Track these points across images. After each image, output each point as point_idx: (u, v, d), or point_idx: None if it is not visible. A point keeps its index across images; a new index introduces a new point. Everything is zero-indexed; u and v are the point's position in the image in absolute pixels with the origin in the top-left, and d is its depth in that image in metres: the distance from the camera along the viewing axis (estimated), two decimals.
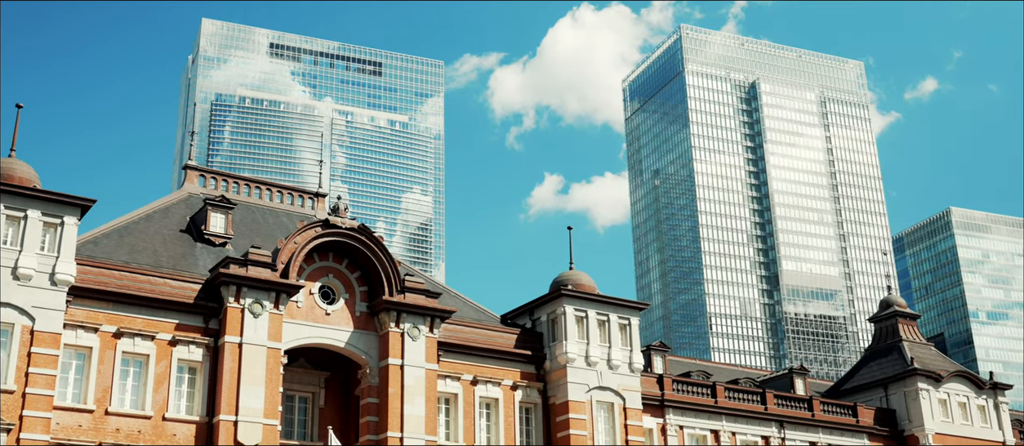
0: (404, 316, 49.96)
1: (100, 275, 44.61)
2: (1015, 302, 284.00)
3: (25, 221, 41.84)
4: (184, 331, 45.60)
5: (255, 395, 44.95)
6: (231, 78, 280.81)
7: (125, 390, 43.90)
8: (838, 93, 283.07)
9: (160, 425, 43.84)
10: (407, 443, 48.03)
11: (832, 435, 65.39)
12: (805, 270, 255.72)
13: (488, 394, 53.20)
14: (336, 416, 49.79)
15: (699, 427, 60.45)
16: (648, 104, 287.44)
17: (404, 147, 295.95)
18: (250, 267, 46.52)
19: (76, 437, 41.74)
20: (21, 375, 39.98)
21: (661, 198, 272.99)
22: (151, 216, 52.89)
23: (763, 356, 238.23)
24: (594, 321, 55.67)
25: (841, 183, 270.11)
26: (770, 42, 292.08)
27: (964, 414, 70.10)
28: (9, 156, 44.72)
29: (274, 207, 59.20)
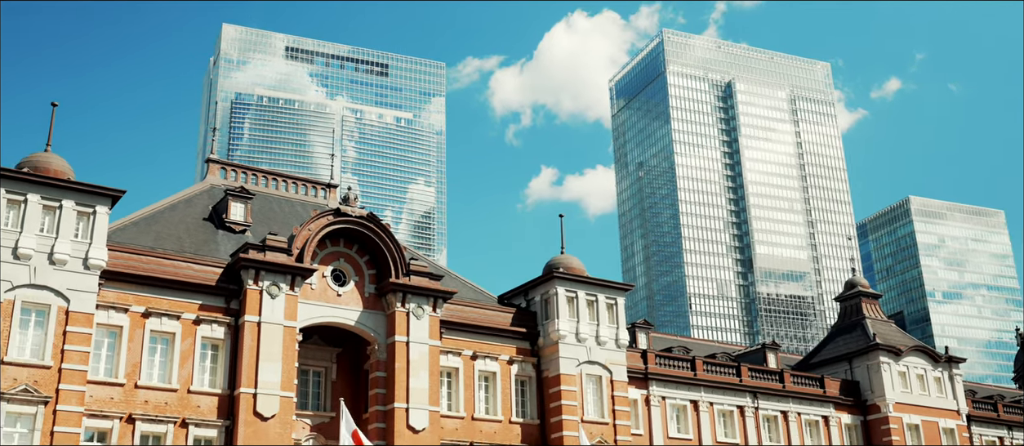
0: (409, 297, 49.97)
1: (129, 260, 44.56)
2: (969, 283, 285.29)
3: (60, 210, 41.80)
4: (207, 311, 45.59)
5: (273, 370, 45.02)
6: (250, 79, 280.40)
7: (153, 365, 43.92)
8: (807, 92, 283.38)
9: (185, 397, 43.87)
10: (412, 413, 48.11)
11: (801, 405, 65.51)
12: (777, 254, 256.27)
13: (486, 368, 53.22)
14: (347, 389, 49.81)
15: (680, 398, 60.52)
16: (633, 102, 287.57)
17: (409, 142, 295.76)
18: (268, 252, 46.50)
19: (108, 409, 41.77)
20: (57, 352, 39.99)
21: (645, 188, 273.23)
22: (176, 206, 52.82)
23: (738, 333, 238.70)
24: (583, 301, 55.69)
25: (809, 175, 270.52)
26: (746, 45, 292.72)
27: (922, 385, 70.24)
28: (45, 151, 44.59)
29: (289, 197, 59.10)
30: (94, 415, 41.21)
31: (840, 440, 66.28)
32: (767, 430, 63.52)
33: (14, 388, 38.51)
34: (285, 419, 44.86)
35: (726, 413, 62.18)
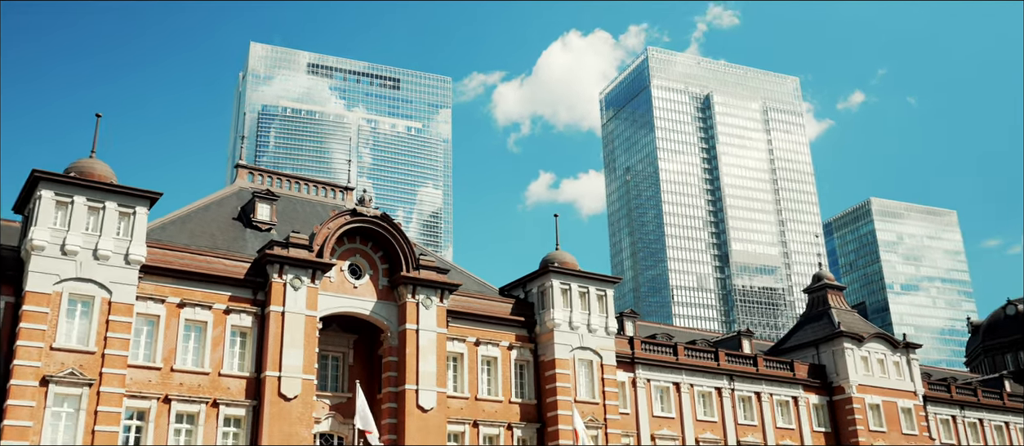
0: (419, 289, 49.99)
1: (166, 256, 44.59)
2: (924, 276, 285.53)
3: (103, 211, 41.84)
4: (236, 302, 45.64)
5: (295, 355, 45.05)
6: (276, 92, 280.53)
7: (187, 351, 43.94)
8: (779, 104, 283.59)
9: (216, 380, 43.90)
10: (422, 394, 48.17)
11: (773, 386, 65.54)
12: (750, 250, 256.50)
13: (488, 353, 53.25)
14: (362, 372, 49.82)
15: (663, 380, 60.55)
16: (621, 113, 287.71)
17: (419, 149, 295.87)
18: (291, 249, 46.55)
19: (146, 390, 41.80)
20: (101, 339, 40.07)
21: (632, 191, 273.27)
22: (208, 207, 52.81)
23: (716, 321, 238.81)
24: (576, 293, 55.70)
25: (780, 178, 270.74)
26: (724, 62, 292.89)
27: (882, 369, 70.28)
28: (90, 157, 44.58)
29: (311, 199, 59.07)
30: (134, 396, 41.24)
31: (808, 419, 66.32)
32: (742, 410, 63.55)
33: (62, 372, 38.58)
34: (306, 399, 44.90)
35: (705, 394, 62.20)
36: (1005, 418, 79.45)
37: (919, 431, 70.07)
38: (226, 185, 58.72)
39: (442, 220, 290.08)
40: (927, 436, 71.02)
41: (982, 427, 77.42)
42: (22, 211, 43.72)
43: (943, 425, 74.80)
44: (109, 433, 38.81)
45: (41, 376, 38.19)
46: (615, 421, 54.52)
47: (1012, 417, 79.99)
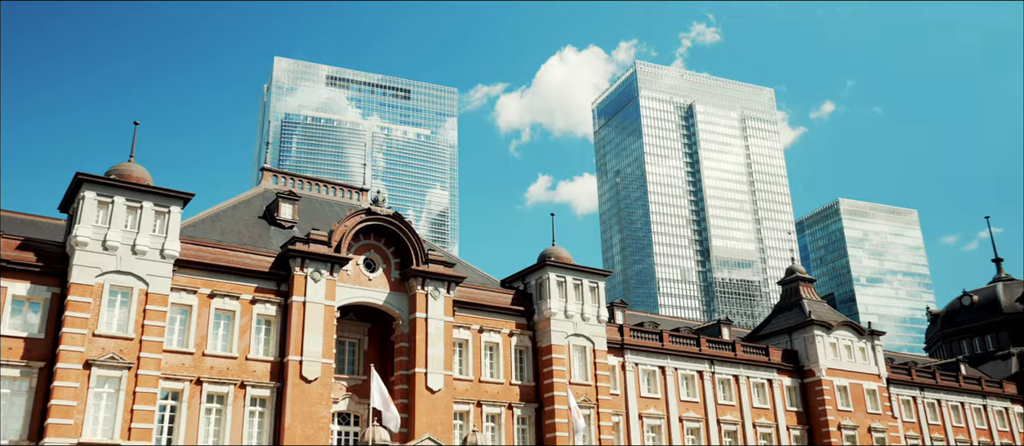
0: (428, 281, 50.04)
1: (198, 251, 44.67)
2: (888, 270, 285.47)
3: (141, 210, 41.97)
4: (261, 293, 45.72)
5: (315, 341, 45.14)
6: (298, 102, 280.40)
7: (217, 337, 44.04)
8: (756, 113, 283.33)
9: (244, 364, 43.98)
10: (430, 376, 48.24)
11: (750, 370, 65.60)
12: (729, 245, 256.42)
13: (491, 340, 53.31)
14: (376, 356, 49.85)
15: (650, 364, 60.61)
16: (611, 121, 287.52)
17: (428, 154, 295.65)
18: (311, 244, 46.63)
19: (180, 373, 41.90)
20: (138, 326, 40.19)
21: (621, 192, 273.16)
22: (236, 206, 52.90)
23: (698, 310, 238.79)
24: (571, 284, 55.76)
25: (757, 181, 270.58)
26: (706, 74, 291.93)
27: (849, 354, 70.32)
28: (129, 161, 44.67)
29: (329, 199, 59.13)
30: (168, 378, 41.33)
31: (782, 400, 66.37)
32: (722, 391, 63.62)
33: (103, 356, 38.68)
34: (325, 382, 44.99)
35: (688, 377, 62.26)
36: (961, 399, 79.54)
37: (883, 411, 70.15)
38: (252, 187, 58.77)
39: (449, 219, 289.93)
40: (890, 415, 71.12)
41: (940, 407, 77.50)
42: (67, 210, 43.79)
43: (905, 405, 74.88)
44: (146, 412, 38.92)
45: (84, 360, 38.28)
46: (606, 401, 54.59)
47: (967, 398, 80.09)
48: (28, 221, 48.37)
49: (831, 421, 66.03)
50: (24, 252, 40.35)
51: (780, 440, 64.80)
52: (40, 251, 40.81)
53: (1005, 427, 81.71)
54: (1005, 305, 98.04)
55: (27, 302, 39.81)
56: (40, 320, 39.76)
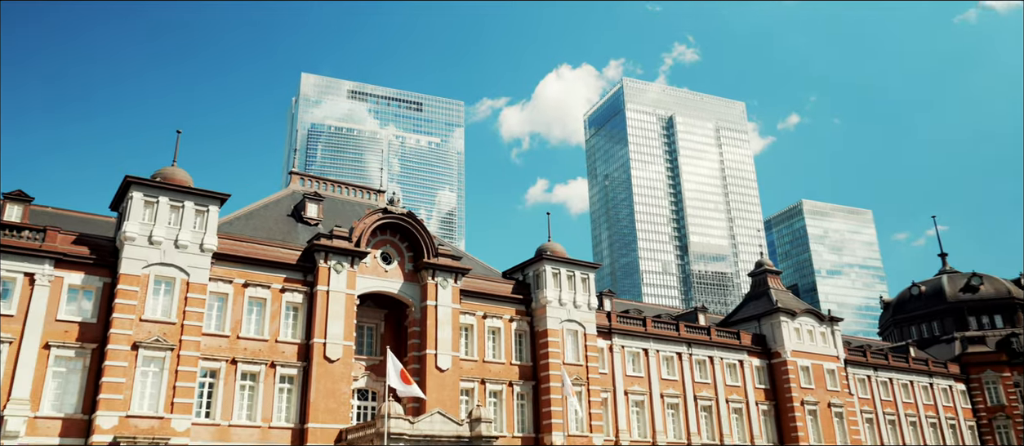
0: (437, 272, 50.04)
1: (234, 245, 44.65)
2: (846, 263, 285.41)
3: (183, 209, 41.97)
4: (290, 282, 45.72)
5: (337, 325, 45.17)
6: (323, 113, 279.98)
7: (250, 322, 44.06)
8: (729, 124, 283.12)
9: (274, 346, 43.99)
10: (439, 357, 48.27)
11: (723, 352, 65.61)
12: (705, 241, 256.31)
13: (493, 324, 53.31)
14: (392, 339, 49.87)
15: (634, 346, 60.62)
16: (601, 131, 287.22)
17: (438, 160, 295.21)
18: (334, 240, 46.65)
19: (217, 354, 41.93)
20: (180, 312, 40.21)
21: (609, 194, 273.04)
22: (267, 206, 52.87)
23: (677, 299, 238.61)
24: (564, 276, 55.75)
25: (730, 184, 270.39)
26: (686, 89, 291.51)
27: (811, 338, 70.33)
28: (172, 165, 44.62)
29: (350, 200, 59.09)
30: (207, 359, 41.36)
31: (751, 378, 66.40)
32: (698, 371, 63.62)
33: (149, 338, 38.70)
34: (347, 361, 45.01)
35: (668, 358, 62.27)
36: (910, 378, 79.56)
37: (841, 388, 70.17)
38: (281, 188, 58.72)
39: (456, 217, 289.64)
40: (847, 392, 71.14)
41: (892, 385, 77.51)
42: (116, 208, 43.78)
43: (860, 383, 74.90)
44: (187, 388, 38.95)
45: (132, 342, 38.30)
46: (596, 379, 54.59)
47: (916, 377, 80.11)
48: (80, 218, 48.40)
49: (795, 397, 66.07)
50: (79, 246, 40.39)
51: (750, 415, 64.84)
52: (93, 245, 40.82)
53: (949, 403, 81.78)
54: (949, 295, 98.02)
55: (81, 291, 39.84)
56: (93, 307, 39.79)
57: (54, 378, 37.75)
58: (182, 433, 38.09)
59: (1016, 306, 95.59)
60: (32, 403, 36.75)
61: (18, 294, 38.13)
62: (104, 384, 37.09)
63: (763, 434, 65.00)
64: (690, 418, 61.06)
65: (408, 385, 40.23)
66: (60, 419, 37.18)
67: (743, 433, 64.02)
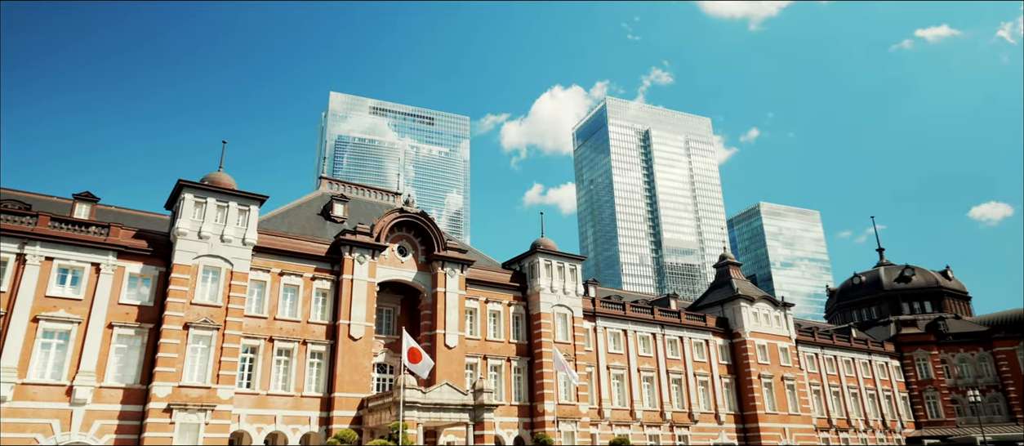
0: (446, 263, 49.97)
1: (271, 239, 44.58)
2: (797, 257, 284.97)
3: (228, 208, 41.88)
4: (319, 272, 45.62)
5: (360, 308, 45.09)
6: (349, 127, 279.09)
7: (285, 306, 43.98)
8: (697, 137, 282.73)
9: (306, 326, 43.94)
10: (448, 336, 48.20)
11: (692, 333, 65.58)
12: (676, 238, 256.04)
13: (494, 308, 53.24)
14: (407, 321, 49.82)
15: (615, 327, 60.59)
16: (587, 142, 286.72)
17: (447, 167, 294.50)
18: (357, 235, 46.56)
19: (257, 333, 41.87)
20: (225, 297, 40.09)
21: (594, 197, 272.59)
22: (300, 206, 52.80)
23: (652, 287, 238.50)
24: (555, 267, 55.71)
25: (697, 189, 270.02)
26: (661, 107, 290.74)
27: (767, 320, 70.34)
28: (218, 170, 44.50)
29: (371, 201, 59.03)
30: (248, 337, 41.31)
31: (716, 356, 66.40)
32: (670, 349, 63.62)
33: (198, 319, 38.62)
34: (368, 340, 44.95)
35: (644, 338, 62.26)
36: (852, 355, 79.60)
37: (792, 364, 70.20)
38: (312, 191, 58.61)
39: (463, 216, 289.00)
40: (798, 367, 71.16)
41: (836, 361, 77.55)
42: (170, 208, 43.71)
43: (809, 360, 74.94)
44: (231, 362, 38.90)
45: (184, 322, 38.25)
46: (581, 356, 54.58)
47: (857, 354, 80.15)
48: (138, 215, 48.32)
49: (753, 372, 66.09)
50: (138, 240, 40.33)
51: (715, 386, 64.85)
52: (150, 239, 40.76)
53: (885, 377, 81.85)
54: (886, 284, 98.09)
55: (140, 278, 39.78)
56: (150, 292, 39.75)
57: (116, 353, 37.71)
58: (226, 401, 38.05)
59: (943, 294, 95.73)
60: (97, 375, 36.74)
61: (86, 281, 38.11)
62: (159, 358, 37.06)
63: (726, 403, 65.04)
64: (663, 390, 61.08)
65: (414, 364, 40.00)
66: (121, 388, 37.15)
67: (709, 402, 64.05)
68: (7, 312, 35.74)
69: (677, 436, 60.33)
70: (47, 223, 38.21)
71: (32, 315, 36.24)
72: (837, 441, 72.45)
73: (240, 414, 39.87)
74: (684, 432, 60.82)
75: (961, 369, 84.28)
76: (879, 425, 77.45)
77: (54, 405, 35.39)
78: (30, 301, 36.36)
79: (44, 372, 35.92)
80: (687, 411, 61.87)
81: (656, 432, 59.19)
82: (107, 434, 35.91)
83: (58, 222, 38.63)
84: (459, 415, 41.75)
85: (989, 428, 76.47)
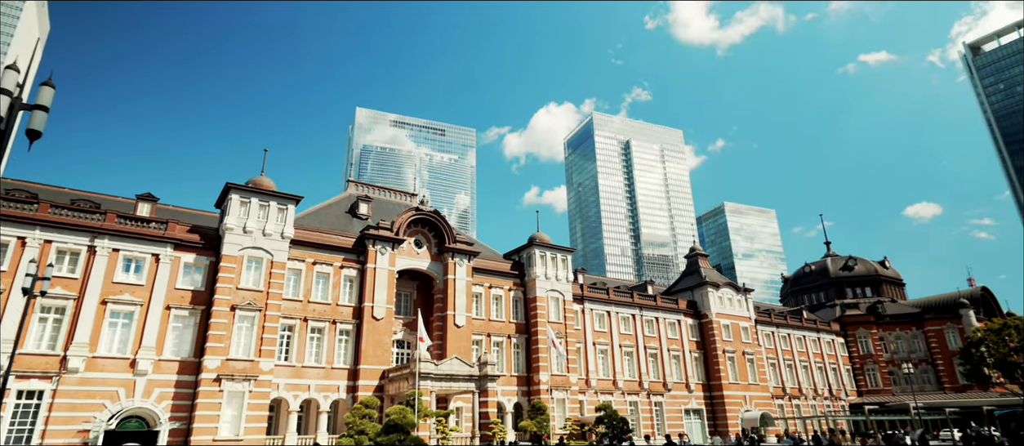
0: (455, 254, 49.88)
1: (306, 234, 44.50)
2: (756, 249, 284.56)
3: (269, 207, 41.81)
4: (347, 261, 45.55)
5: (382, 293, 45.03)
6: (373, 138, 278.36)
7: (317, 290, 43.92)
8: (671, 146, 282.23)
9: (335, 308, 43.85)
10: (457, 316, 48.14)
11: (666, 314, 65.50)
12: (653, 232, 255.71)
13: (496, 293, 53.16)
14: (422, 303, 49.76)
15: (600, 309, 60.53)
16: (576, 151, 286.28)
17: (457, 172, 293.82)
18: (380, 230, 46.46)
19: (293, 314, 41.77)
20: (266, 283, 40.02)
21: (582, 198, 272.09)
22: (330, 205, 52.72)
23: (632, 274, 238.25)
24: (549, 257, 55.61)
25: (671, 191, 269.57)
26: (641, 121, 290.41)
27: (730, 303, 70.26)
28: (261, 175, 44.43)
29: (391, 201, 58.95)
30: (285, 317, 41.26)
31: (686, 334, 66.32)
32: (647, 327, 63.56)
33: (243, 302, 38.60)
34: (388, 320, 44.87)
35: (625, 318, 62.20)
36: (803, 333, 79.57)
37: (752, 340, 70.15)
38: (341, 192, 58.51)
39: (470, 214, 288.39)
40: (757, 343, 71.11)
41: (790, 338, 77.51)
42: (219, 206, 43.65)
43: (766, 337, 74.87)
44: (271, 339, 38.87)
45: (231, 304, 38.21)
46: (571, 334, 54.55)
47: (807, 333, 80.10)
48: (191, 213, 48.25)
49: (718, 347, 66.05)
50: (192, 234, 40.28)
51: (685, 360, 64.82)
52: (202, 233, 40.70)
53: (832, 352, 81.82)
54: (832, 272, 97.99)
55: (193, 267, 39.74)
56: (202, 278, 39.70)
57: (173, 331, 37.70)
58: (267, 372, 38.05)
59: (881, 281, 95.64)
60: (157, 349, 36.73)
61: (147, 269, 38.09)
62: (210, 335, 37.05)
63: (695, 374, 65.02)
64: (641, 363, 61.06)
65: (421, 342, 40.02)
66: (177, 361, 37.14)
67: (681, 373, 64.03)
68: (79, 296, 35.73)
69: (653, 402, 60.31)
70: (114, 220, 38.18)
71: (101, 298, 36.23)
72: (790, 407, 72.46)
73: (279, 383, 39.87)
74: (659, 399, 60.80)
75: (896, 345, 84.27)
76: (826, 393, 77.45)
77: (120, 375, 35.39)
78: (99, 287, 36.35)
79: (111, 347, 35.92)
80: (662, 381, 61.84)
81: (635, 399, 59.16)
82: (165, 400, 35.93)
83: (123, 219, 38.60)
84: (466, 384, 41.76)
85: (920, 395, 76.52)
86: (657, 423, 59.69)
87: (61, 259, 36.24)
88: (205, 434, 35.16)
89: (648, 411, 59.35)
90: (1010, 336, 57.83)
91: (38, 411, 33.05)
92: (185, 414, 36.03)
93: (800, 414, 72.77)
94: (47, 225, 36.16)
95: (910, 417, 64.84)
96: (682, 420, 61.17)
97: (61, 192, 44.60)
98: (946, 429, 65.30)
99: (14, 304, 33.43)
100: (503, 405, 48.86)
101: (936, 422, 69.51)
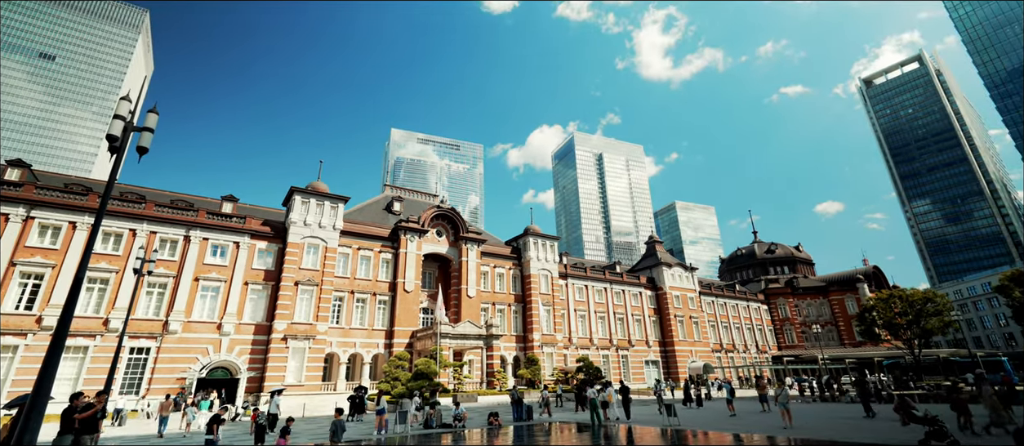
0: (468, 241, 49.64)
1: (352, 226, 44.23)
2: (700, 237, 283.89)
3: (323, 205, 41.51)
4: (384, 247, 45.28)
5: (411, 271, 44.79)
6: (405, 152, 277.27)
7: (361, 269, 43.68)
8: (635, 158, 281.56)
9: (375, 283, 43.63)
10: (469, 289, 47.94)
11: (631, 287, 65.30)
12: (621, 224, 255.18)
13: (500, 271, 52.91)
14: (443, 279, 49.53)
15: (579, 284, 60.29)
16: (561, 162, 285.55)
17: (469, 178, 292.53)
18: (409, 223, 46.15)
19: (342, 288, 41.60)
20: (322, 264, 39.85)
21: (566, 198, 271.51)
22: (371, 204, 52.42)
23: (604, 256, 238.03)
24: (540, 243, 55.37)
25: (634, 194, 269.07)
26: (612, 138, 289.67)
27: (680, 279, 70.04)
28: (317, 179, 44.15)
29: (419, 200, 58.64)
30: (337, 290, 41.07)
31: (646, 304, 66.11)
32: (616, 298, 63.27)
33: (304, 279, 38.46)
34: (416, 292, 44.66)
35: (599, 290, 61.97)
36: (736, 302, 79.35)
37: (697, 308, 69.98)
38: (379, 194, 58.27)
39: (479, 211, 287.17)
40: (701, 309, 70.96)
41: (726, 306, 77.33)
42: (285, 204, 43.38)
43: (708, 305, 74.68)
44: (326, 307, 38.72)
45: (295, 281, 38.04)
46: (557, 303, 54.37)
47: (740, 302, 79.91)
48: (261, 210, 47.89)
49: (671, 313, 65.89)
50: (264, 227, 40.03)
51: (646, 323, 64.66)
52: (272, 225, 40.46)
53: (759, 317, 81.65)
54: (758, 255, 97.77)
55: (265, 251, 39.50)
56: (272, 260, 39.47)
57: (250, 301, 37.54)
58: (323, 333, 37.93)
59: (796, 261, 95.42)
60: (237, 315, 36.60)
61: (230, 253, 37.89)
62: (279, 304, 36.89)
63: (652, 334, 64.90)
64: (611, 325, 60.92)
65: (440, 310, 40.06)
66: (253, 325, 37.01)
67: (642, 333, 63.93)
68: (177, 275, 35.60)
69: (620, 355, 60.25)
70: (204, 215, 37.99)
71: (194, 276, 36.09)
72: (726, 359, 72.46)
73: (332, 341, 39.76)
74: (625, 353, 60.73)
75: (808, 311, 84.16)
76: (753, 348, 77.43)
77: (209, 335, 35.30)
78: (193, 267, 36.20)
79: (202, 314, 35.82)
80: (627, 339, 61.72)
81: (607, 353, 59.10)
82: (243, 355, 35.86)
83: (212, 214, 38.40)
84: (476, 342, 41.67)
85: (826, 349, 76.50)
86: (623, 371, 59.64)
87: (163, 246, 36.08)
88: (275, 381, 35.13)
89: (617, 362, 59.29)
90: (895, 304, 58.02)
91: (146, 363, 33.01)
92: (259, 365, 35.97)
93: (734, 364, 72.77)
94: (153, 220, 36.01)
95: (818, 366, 64.84)
96: (643, 369, 61.14)
97: (163, 194, 44.42)
98: (846, 375, 65.30)
99: (127, 282, 33.32)
100: (505, 358, 48.78)
101: (838, 370, 69.57)
